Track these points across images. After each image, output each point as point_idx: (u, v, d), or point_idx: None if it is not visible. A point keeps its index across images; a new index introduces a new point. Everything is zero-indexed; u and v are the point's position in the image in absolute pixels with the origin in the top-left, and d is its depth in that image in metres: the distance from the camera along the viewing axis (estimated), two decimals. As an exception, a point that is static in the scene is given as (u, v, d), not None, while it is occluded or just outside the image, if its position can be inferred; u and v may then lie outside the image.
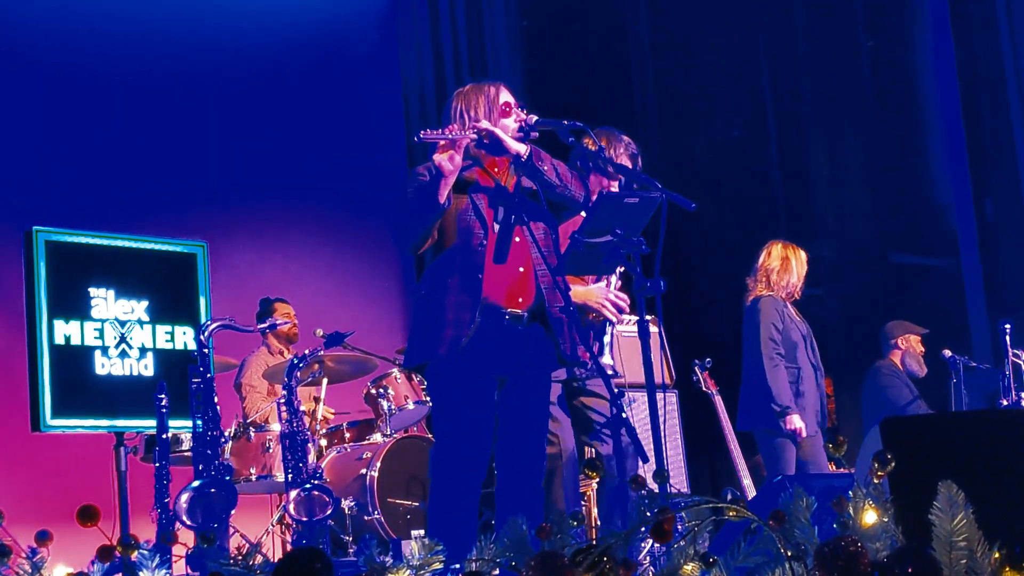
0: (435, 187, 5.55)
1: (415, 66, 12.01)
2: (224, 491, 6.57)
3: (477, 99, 5.85)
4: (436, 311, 5.66)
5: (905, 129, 13.35)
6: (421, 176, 5.75)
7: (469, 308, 5.62)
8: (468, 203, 5.73)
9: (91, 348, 7.42)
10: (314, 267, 11.69)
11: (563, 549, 3.17)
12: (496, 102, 5.83)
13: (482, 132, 5.67)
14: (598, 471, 3.60)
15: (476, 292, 5.63)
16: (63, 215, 9.07)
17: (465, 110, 5.82)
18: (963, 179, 12.61)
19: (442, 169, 5.54)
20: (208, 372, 6.78)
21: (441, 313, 5.64)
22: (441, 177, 5.55)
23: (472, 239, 5.69)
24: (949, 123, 12.80)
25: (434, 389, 5.88)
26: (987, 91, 12.48)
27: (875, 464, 3.24)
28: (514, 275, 5.74)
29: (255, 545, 7.73)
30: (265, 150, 11.43)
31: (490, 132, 5.67)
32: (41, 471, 9.65)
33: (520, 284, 5.75)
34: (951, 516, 3.12)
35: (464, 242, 5.70)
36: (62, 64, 10.56)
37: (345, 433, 9.22)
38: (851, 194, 13.21)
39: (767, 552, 3.17)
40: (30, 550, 3.78)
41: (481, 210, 5.72)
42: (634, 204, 5.66)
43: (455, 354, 5.61)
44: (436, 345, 5.63)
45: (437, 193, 5.55)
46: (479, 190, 5.77)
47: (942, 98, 12.94)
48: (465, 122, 5.76)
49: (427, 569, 3.35)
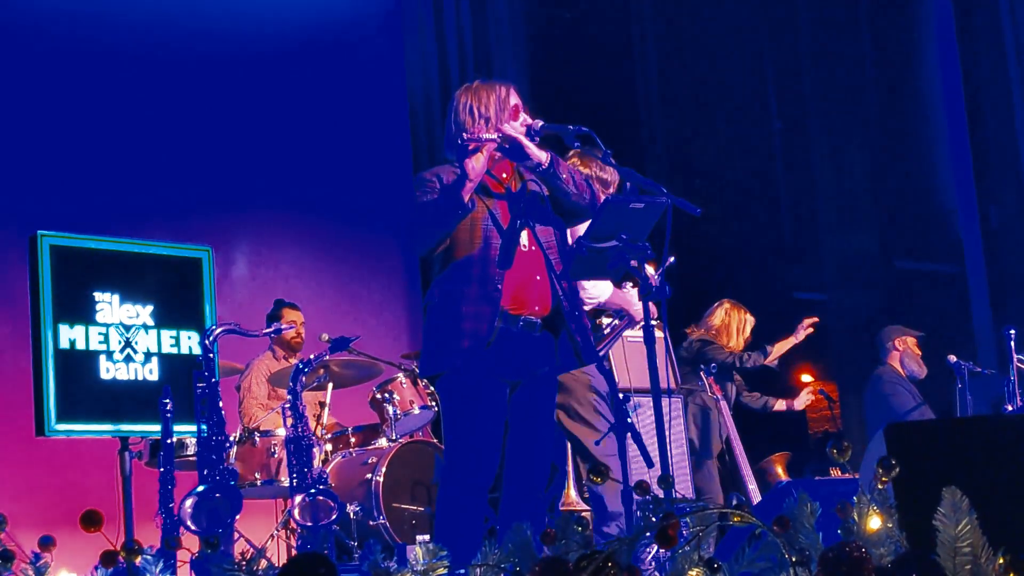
0: (459, 189, 5.50)
1: (420, 71, 12.02)
2: (229, 496, 6.55)
3: (488, 98, 5.83)
4: (452, 320, 5.62)
5: (910, 135, 13.37)
6: (429, 182, 5.73)
7: (488, 318, 5.59)
8: (485, 211, 5.71)
9: (96, 353, 7.40)
10: (319, 271, 11.70)
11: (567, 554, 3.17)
12: (507, 103, 5.82)
13: (509, 137, 5.64)
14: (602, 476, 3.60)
15: (495, 302, 5.61)
16: (68, 219, 9.05)
17: (476, 108, 5.80)
18: (968, 185, 12.62)
19: (471, 173, 5.51)
20: (213, 377, 6.77)
21: (458, 322, 5.60)
22: (467, 180, 5.52)
23: (490, 249, 5.66)
24: (954, 129, 12.81)
25: (448, 397, 5.79)
26: (992, 97, 12.47)
27: (879, 470, 3.24)
28: (531, 283, 5.73)
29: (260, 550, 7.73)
30: (270, 155, 11.44)
31: (516, 139, 5.65)
32: (45, 475, 9.66)
33: (537, 291, 5.74)
34: (955, 522, 3.11)
35: (483, 251, 5.66)
36: (67, 69, 10.57)
37: (350, 438, 9.21)
38: (856, 200, 13.22)
39: (772, 558, 3.17)
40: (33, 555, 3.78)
41: (499, 218, 5.71)
42: (639, 209, 5.64)
43: (473, 364, 5.58)
44: (454, 355, 5.60)
45: (461, 195, 5.50)
46: (492, 196, 5.75)
47: (947, 105, 12.94)
48: (475, 120, 5.76)
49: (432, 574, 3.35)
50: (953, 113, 12.78)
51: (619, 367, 8.71)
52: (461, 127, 5.76)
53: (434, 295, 5.77)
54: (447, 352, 5.64)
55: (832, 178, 13.23)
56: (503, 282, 5.63)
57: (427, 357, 5.82)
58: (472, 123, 5.76)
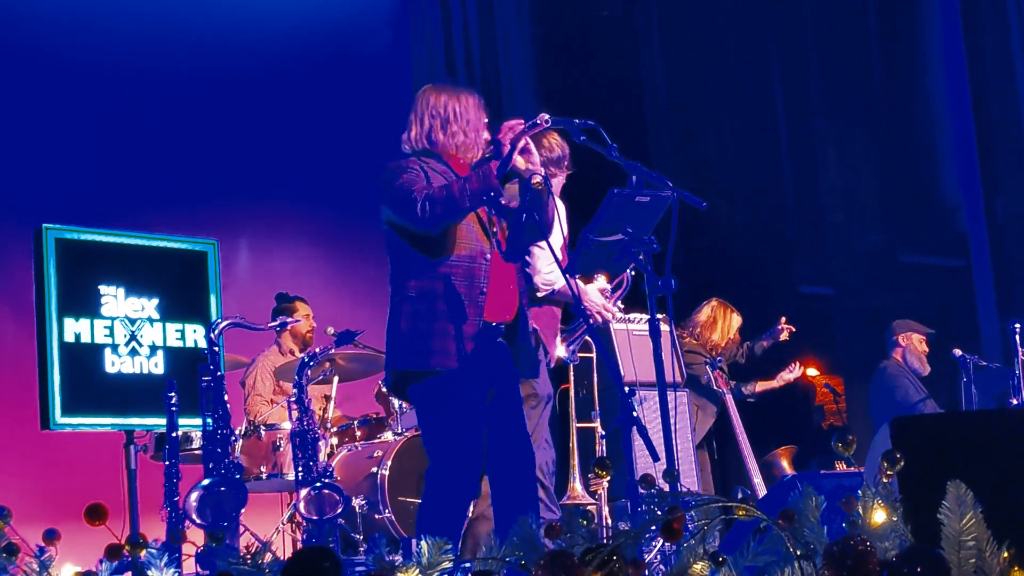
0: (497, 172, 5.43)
1: (427, 66, 12.01)
2: (234, 490, 6.56)
3: (467, 101, 5.83)
4: (427, 322, 5.60)
5: (915, 130, 13.36)
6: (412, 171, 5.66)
7: (471, 322, 5.58)
8: (474, 215, 5.70)
9: (101, 346, 7.41)
10: (324, 265, 11.70)
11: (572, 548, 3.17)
12: (481, 111, 5.84)
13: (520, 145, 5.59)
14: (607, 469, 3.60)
15: (480, 306, 5.61)
16: (73, 213, 9.07)
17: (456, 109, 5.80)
18: (973, 180, 12.60)
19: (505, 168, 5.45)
20: (218, 370, 6.78)
21: (436, 325, 5.58)
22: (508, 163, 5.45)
23: (477, 253, 5.66)
24: (959, 123, 12.79)
25: (430, 405, 5.72)
26: (997, 91, 12.46)
27: (884, 463, 3.23)
28: (506, 291, 5.74)
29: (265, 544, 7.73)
30: (276, 149, 11.44)
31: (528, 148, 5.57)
32: (50, 469, 9.67)
33: (509, 300, 5.76)
34: (960, 516, 3.11)
35: (469, 255, 5.65)
36: (73, 62, 10.57)
37: (356, 431, 9.21)
38: (861, 194, 13.21)
39: (777, 551, 3.17)
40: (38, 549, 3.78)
41: (485, 223, 5.70)
42: (645, 203, 5.65)
43: (461, 369, 5.56)
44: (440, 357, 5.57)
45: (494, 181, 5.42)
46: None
47: (952, 98, 12.93)
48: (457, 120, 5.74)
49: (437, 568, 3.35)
50: (959, 107, 12.77)
51: (624, 360, 8.74)
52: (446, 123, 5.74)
53: (410, 291, 5.69)
54: (430, 352, 5.59)
55: (838, 172, 13.22)
56: (489, 286, 5.64)
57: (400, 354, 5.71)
58: (454, 122, 5.75)
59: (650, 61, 12.97)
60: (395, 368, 5.72)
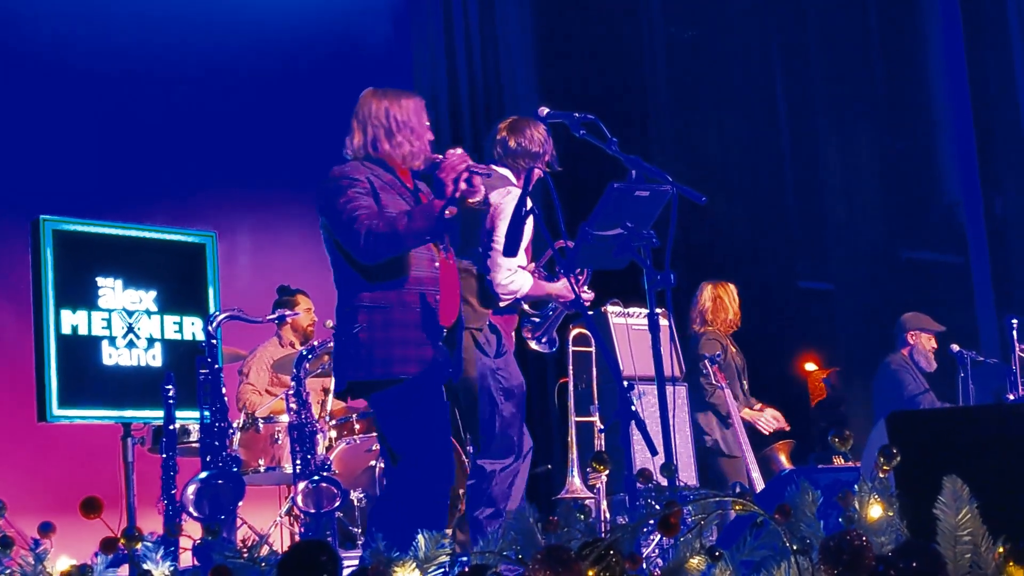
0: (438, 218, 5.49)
1: (428, 66, 11.99)
2: (232, 483, 6.56)
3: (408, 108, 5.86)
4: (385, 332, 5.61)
5: (916, 126, 13.38)
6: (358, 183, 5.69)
7: (426, 327, 5.63)
8: None
9: (98, 338, 7.41)
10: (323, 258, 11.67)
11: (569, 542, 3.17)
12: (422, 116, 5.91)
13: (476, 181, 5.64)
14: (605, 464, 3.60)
15: (434, 313, 5.65)
16: (71, 204, 9.06)
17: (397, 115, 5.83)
18: (973, 176, 12.63)
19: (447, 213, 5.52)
20: (216, 363, 6.78)
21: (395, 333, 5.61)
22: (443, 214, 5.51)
23: (427, 263, 5.71)
24: (959, 120, 12.81)
25: (397, 411, 5.69)
26: (997, 89, 12.48)
27: (881, 458, 3.23)
28: (455, 296, 5.80)
29: (263, 537, 7.73)
30: (276, 143, 11.42)
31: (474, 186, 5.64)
32: (47, 461, 9.65)
33: (456, 305, 5.81)
34: (956, 511, 3.11)
35: (420, 264, 5.68)
36: (70, 53, 10.56)
37: (355, 424, 9.21)
38: (862, 190, 13.22)
39: (773, 546, 3.17)
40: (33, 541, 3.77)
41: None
42: (644, 197, 5.64)
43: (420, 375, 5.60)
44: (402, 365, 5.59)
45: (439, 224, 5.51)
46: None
47: (952, 96, 12.95)
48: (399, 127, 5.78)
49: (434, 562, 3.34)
50: (959, 104, 12.79)
51: (623, 355, 8.73)
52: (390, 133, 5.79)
53: (362, 300, 5.70)
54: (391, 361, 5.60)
55: (839, 168, 13.23)
56: (441, 293, 5.71)
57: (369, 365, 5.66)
58: (398, 132, 5.76)
59: (652, 59, 12.95)
60: (356, 379, 5.70)
